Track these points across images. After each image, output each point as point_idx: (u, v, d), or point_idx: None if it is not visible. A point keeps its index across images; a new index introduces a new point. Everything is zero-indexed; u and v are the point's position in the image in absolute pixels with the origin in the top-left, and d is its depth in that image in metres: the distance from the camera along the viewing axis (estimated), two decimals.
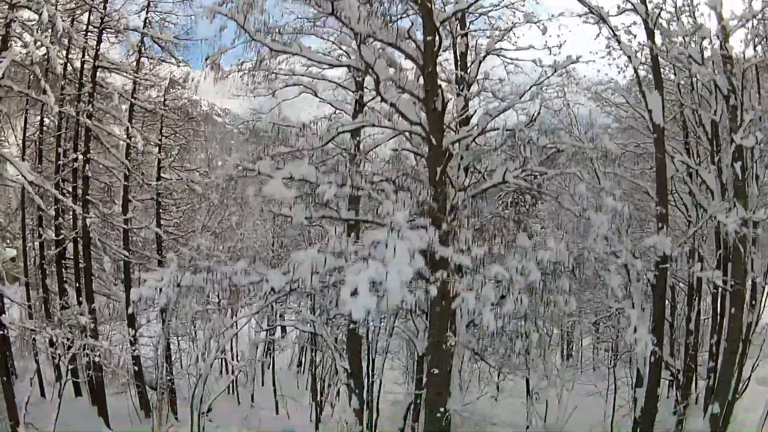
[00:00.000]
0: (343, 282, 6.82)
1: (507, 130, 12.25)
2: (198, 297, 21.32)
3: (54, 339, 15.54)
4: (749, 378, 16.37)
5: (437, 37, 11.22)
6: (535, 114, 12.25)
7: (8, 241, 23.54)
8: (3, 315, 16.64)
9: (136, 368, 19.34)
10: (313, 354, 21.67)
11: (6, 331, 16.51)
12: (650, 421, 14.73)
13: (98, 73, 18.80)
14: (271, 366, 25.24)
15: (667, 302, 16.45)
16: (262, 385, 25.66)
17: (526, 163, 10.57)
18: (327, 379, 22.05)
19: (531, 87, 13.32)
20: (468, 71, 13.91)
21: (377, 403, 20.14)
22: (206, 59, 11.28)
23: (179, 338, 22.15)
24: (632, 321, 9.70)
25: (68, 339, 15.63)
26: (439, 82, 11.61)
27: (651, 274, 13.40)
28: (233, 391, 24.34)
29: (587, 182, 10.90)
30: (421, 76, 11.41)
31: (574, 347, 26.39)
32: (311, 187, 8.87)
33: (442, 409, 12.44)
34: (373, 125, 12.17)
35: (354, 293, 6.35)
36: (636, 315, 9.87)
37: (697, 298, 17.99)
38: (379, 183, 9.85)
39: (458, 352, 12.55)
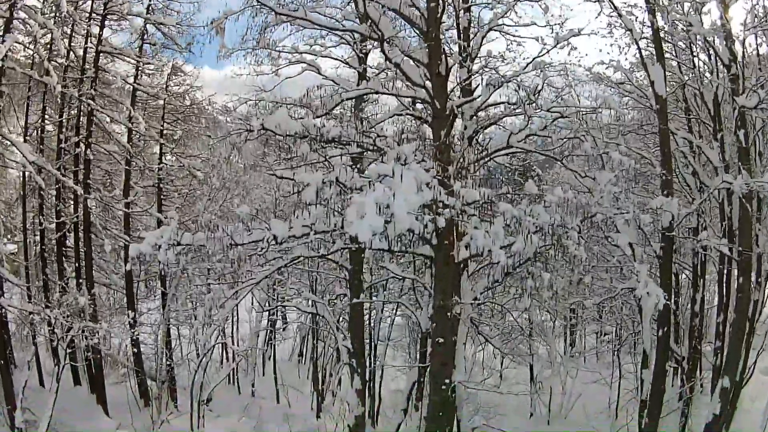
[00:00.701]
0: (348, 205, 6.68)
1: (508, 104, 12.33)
2: (199, 271, 21.34)
3: (52, 321, 15.35)
4: (755, 364, 16.25)
5: (440, 3, 11.28)
6: (539, 88, 12.25)
7: (9, 236, 23.45)
8: (1, 297, 16.50)
9: (135, 350, 19.13)
10: (315, 342, 21.53)
11: (3, 312, 16.36)
12: (659, 400, 14.55)
13: (101, 59, 18.85)
14: (271, 356, 25.06)
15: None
16: (263, 375, 25.44)
17: (531, 120, 10.55)
18: (328, 368, 21.93)
19: (534, 59, 13.35)
20: (470, 44, 13.94)
21: (379, 389, 20.00)
22: (211, 23, 11.31)
23: (180, 326, 21.94)
24: (642, 276, 9.59)
25: (67, 321, 15.46)
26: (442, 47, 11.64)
27: (657, 246, 13.38)
28: (234, 381, 24.16)
29: (592, 144, 10.89)
30: (425, 43, 11.47)
31: (577, 335, 26.21)
32: (316, 129, 8.77)
33: (447, 381, 12.26)
34: (377, 92, 12.16)
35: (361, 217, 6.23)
36: (645, 271, 9.77)
37: (701, 280, 17.86)
38: (383, 138, 9.82)
39: (464, 321, 12.41)
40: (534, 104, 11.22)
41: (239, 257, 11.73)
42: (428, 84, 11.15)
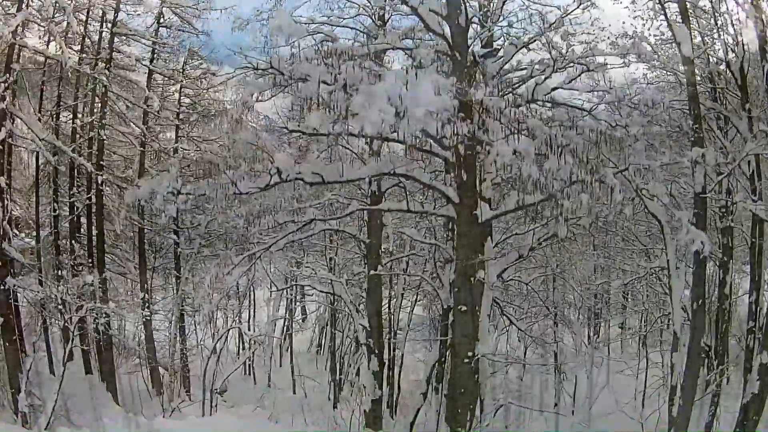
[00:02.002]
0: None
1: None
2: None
3: (59, 300, 14.94)
4: None
5: None
6: (563, 50, 11.85)
7: (27, 230, 23.17)
8: (8, 278, 16.11)
9: (146, 333, 18.70)
10: (333, 331, 21.02)
11: (13, 294, 15.97)
12: (694, 381, 13.84)
13: (115, 42, 18.71)
14: (289, 348, 24.62)
15: None
16: (280, 366, 24.92)
17: (557, 63, 10.14)
18: (347, 358, 21.42)
19: (557, 20, 12.98)
20: (491, 5, 13.58)
21: (398, 379, 19.41)
22: None
23: (194, 314, 21.44)
24: (683, 222, 8.98)
25: (76, 301, 15.04)
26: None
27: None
28: (249, 372, 23.75)
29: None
30: None
31: (601, 325, 25.44)
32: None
33: (470, 354, 11.64)
34: (394, 48, 11.80)
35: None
36: (686, 217, 9.14)
37: (730, 262, 17.16)
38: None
39: (488, 286, 11.82)
40: (562, 57, 10.86)
41: (248, 215, 11.17)
42: (447, 33, 10.77)
